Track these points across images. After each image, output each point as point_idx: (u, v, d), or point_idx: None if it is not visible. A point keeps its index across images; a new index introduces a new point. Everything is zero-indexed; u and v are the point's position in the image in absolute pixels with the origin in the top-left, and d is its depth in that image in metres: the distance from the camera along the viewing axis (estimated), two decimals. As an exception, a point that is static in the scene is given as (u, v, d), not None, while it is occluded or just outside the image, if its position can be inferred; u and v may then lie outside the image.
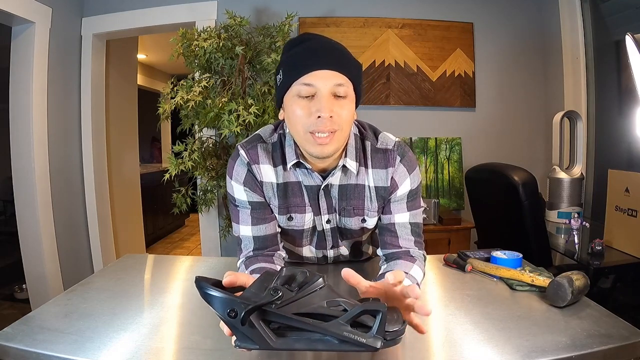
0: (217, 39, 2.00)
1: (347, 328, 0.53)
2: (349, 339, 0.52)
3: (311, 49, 0.77)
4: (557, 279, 0.85)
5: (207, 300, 0.54)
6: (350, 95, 0.79)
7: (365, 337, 0.53)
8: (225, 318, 0.53)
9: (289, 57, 0.80)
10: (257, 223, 0.90)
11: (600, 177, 2.23)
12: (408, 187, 0.89)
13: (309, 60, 0.76)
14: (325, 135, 0.76)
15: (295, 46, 0.80)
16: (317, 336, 0.53)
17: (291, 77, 0.77)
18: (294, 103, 0.78)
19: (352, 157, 0.86)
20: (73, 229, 2.56)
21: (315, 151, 0.78)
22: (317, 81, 0.75)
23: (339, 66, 0.76)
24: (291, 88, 0.78)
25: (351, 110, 0.79)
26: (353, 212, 0.92)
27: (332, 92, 0.76)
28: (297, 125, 0.78)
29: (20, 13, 2.07)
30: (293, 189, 0.90)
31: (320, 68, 0.75)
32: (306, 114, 0.76)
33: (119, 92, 3.04)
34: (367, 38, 2.50)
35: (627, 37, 1.23)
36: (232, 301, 0.52)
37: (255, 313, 0.52)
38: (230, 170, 0.90)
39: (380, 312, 0.53)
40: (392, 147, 0.89)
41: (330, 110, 0.75)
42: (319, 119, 0.75)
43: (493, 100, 2.62)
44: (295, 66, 0.77)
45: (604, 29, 2.26)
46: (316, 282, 0.55)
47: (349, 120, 0.79)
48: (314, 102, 0.76)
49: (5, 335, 0.72)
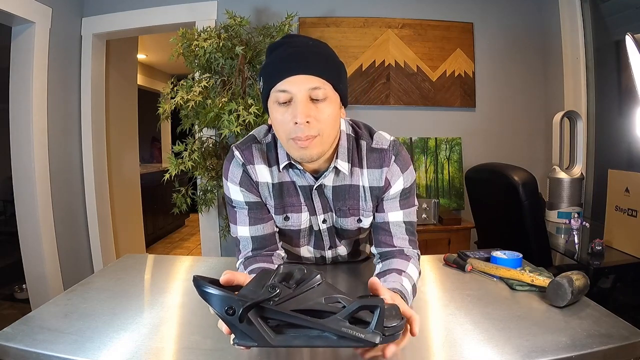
0: (217, 39, 2.00)
1: (346, 324, 0.53)
2: (347, 334, 0.52)
3: (285, 55, 0.77)
4: (557, 279, 0.85)
5: (204, 298, 0.54)
6: (330, 97, 0.77)
7: (363, 332, 0.53)
8: (223, 316, 0.53)
9: (267, 64, 0.79)
10: (255, 223, 0.91)
11: (600, 177, 2.23)
12: (401, 185, 0.89)
13: (282, 66, 0.76)
14: (304, 140, 0.76)
15: (272, 52, 0.80)
16: (316, 332, 0.53)
17: (269, 84, 0.77)
18: (274, 110, 0.78)
19: (343, 159, 0.86)
20: (73, 229, 2.56)
21: (298, 155, 0.79)
22: (292, 87, 0.75)
23: (313, 69, 0.75)
24: (270, 95, 0.78)
25: (333, 111, 0.78)
26: (348, 213, 0.92)
27: (308, 96, 0.75)
28: (279, 131, 0.79)
29: (20, 13, 2.07)
30: (288, 188, 0.90)
31: (294, 74, 0.75)
32: (285, 120, 0.76)
33: (119, 92, 3.04)
34: (367, 38, 2.50)
35: (627, 37, 1.22)
36: (230, 298, 0.52)
37: (253, 310, 0.52)
38: (226, 172, 0.90)
39: (379, 308, 0.53)
40: (387, 146, 0.88)
41: (306, 116, 0.74)
42: (296, 125, 0.75)
43: (493, 100, 2.62)
44: (271, 73, 0.77)
45: (604, 29, 2.26)
46: (314, 278, 0.55)
47: (331, 123, 0.78)
48: (290, 109, 0.75)
49: (5, 335, 0.72)
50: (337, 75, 0.80)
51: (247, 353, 0.67)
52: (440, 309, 0.86)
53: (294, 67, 0.75)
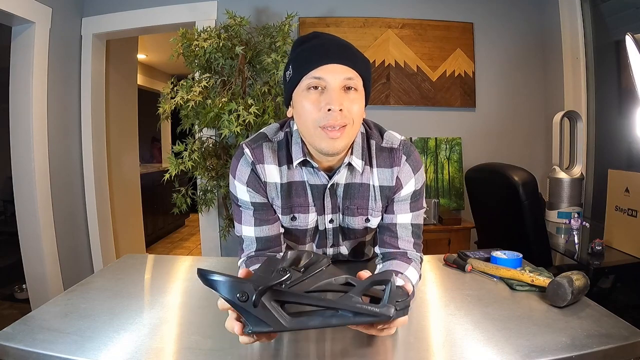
0: (217, 39, 2.00)
1: (359, 300, 0.53)
2: (363, 309, 0.53)
3: (320, 45, 0.78)
4: (557, 279, 0.85)
5: (213, 287, 0.52)
6: (360, 90, 0.79)
7: (378, 307, 0.53)
8: (235, 302, 0.51)
9: (298, 52, 0.79)
10: (260, 224, 0.90)
11: (600, 177, 2.23)
12: (412, 187, 0.88)
13: (318, 54, 0.76)
14: (337, 129, 0.75)
15: (304, 43, 0.81)
16: (330, 312, 0.53)
17: (301, 72, 0.77)
18: (303, 98, 0.77)
19: (358, 156, 0.86)
20: (73, 229, 2.56)
21: (325, 146, 0.77)
22: (327, 75, 0.75)
23: (348, 60, 0.77)
24: (301, 83, 0.78)
25: (361, 105, 0.79)
26: (357, 212, 0.91)
27: (342, 85, 0.76)
28: (307, 121, 0.77)
29: (20, 13, 2.07)
30: (297, 189, 0.89)
31: (329, 62, 0.75)
32: (316, 107, 0.75)
33: (119, 92, 3.04)
34: (367, 38, 2.50)
35: (627, 37, 1.22)
36: (241, 284, 0.51)
37: (267, 294, 0.51)
38: (234, 170, 0.88)
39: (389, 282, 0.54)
40: (397, 146, 0.88)
41: (340, 104, 0.74)
42: (329, 112, 0.74)
43: (493, 100, 2.62)
44: (305, 61, 0.77)
45: (604, 29, 2.26)
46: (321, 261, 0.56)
47: (360, 116, 0.79)
48: (323, 96, 0.75)
49: (5, 335, 0.72)
50: (366, 72, 0.81)
51: (248, 354, 0.67)
52: (440, 309, 0.86)
53: (330, 55, 0.76)
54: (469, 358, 0.66)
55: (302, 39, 0.83)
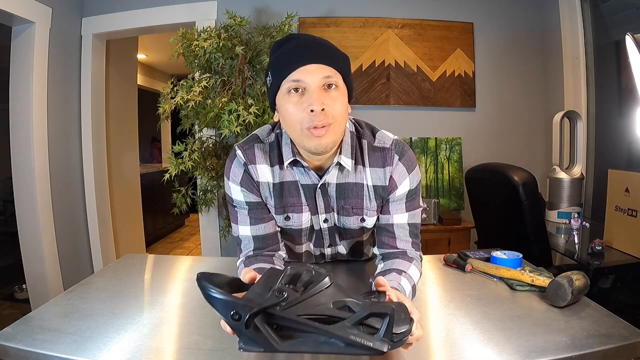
0: (217, 39, 2.00)
1: (354, 331, 0.52)
2: (355, 342, 0.51)
3: (295, 47, 0.78)
4: (557, 279, 0.85)
5: (210, 302, 0.53)
6: (341, 87, 0.79)
7: (372, 340, 0.51)
8: (229, 321, 0.52)
9: (275, 57, 0.80)
10: (256, 223, 0.91)
11: (600, 177, 2.23)
12: (407, 186, 0.88)
13: (294, 57, 0.77)
14: (321, 127, 0.76)
15: (279, 47, 0.81)
16: (323, 338, 0.52)
17: (280, 76, 0.78)
18: (286, 101, 0.78)
19: (347, 155, 0.86)
20: (73, 229, 2.56)
21: (313, 145, 0.78)
22: (305, 76, 0.75)
23: (325, 59, 0.77)
24: (281, 87, 0.78)
25: (344, 102, 0.79)
26: (352, 212, 0.91)
27: (321, 85, 0.76)
28: (292, 123, 0.78)
29: (20, 13, 2.07)
30: (289, 188, 0.90)
31: (306, 63, 0.76)
32: (299, 109, 0.76)
33: (119, 92, 3.04)
34: (367, 38, 2.50)
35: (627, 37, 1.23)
36: (236, 304, 0.51)
37: (260, 315, 0.51)
38: (228, 171, 0.90)
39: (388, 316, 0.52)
40: (389, 145, 0.88)
41: (321, 103, 0.75)
42: (312, 113, 0.75)
43: (493, 100, 2.62)
44: (282, 65, 0.78)
45: (604, 29, 2.26)
46: (322, 281, 0.54)
47: (343, 113, 0.79)
48: (304, 97, 0.76)
49: (5, 335, 0.72)
50: (345, 67, 0.81)
51: (248, 355, 0.67)
52: (440, 309, 0.86)
53: (306, 56, 0.76)
54: (469, 358, 0.66)
55: (279, 42, 0.83)
